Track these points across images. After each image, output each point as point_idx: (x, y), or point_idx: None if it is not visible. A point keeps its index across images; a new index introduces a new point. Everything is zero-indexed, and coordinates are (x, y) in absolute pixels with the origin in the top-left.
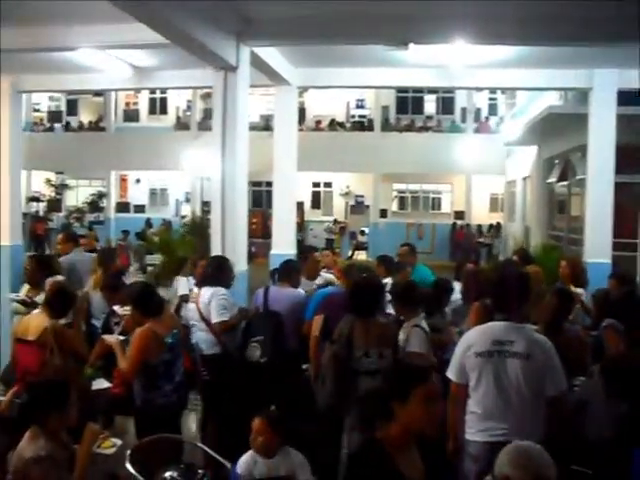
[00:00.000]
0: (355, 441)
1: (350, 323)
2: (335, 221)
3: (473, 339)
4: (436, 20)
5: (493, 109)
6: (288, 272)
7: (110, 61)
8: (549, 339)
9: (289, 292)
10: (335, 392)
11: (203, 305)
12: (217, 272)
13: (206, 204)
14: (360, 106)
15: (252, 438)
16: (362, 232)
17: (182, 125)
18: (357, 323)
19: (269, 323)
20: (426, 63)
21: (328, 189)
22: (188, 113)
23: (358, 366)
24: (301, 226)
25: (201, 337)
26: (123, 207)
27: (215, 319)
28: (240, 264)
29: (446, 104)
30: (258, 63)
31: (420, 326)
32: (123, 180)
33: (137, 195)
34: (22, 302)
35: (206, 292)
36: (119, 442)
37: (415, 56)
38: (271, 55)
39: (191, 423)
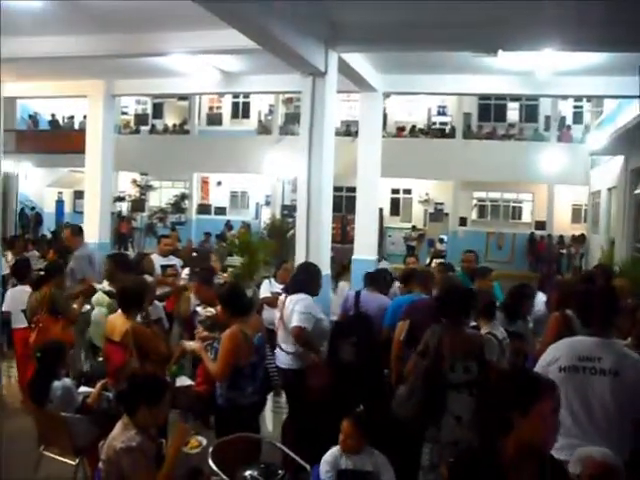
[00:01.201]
0: (443, 453)
1: (438, 334)
2: (414, 228)
3: (558, 353)
4: (527, 27)
5: (578, 117)
6: (379, 279)
7: (200, 66)
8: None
9: (378, 297)
10: (424, 405)
11: (287, 311)
12: (305, 279)
13: (286, 208)
14: (442, 113)
15: (341, 439)
16: (441, 240)
17: (264, 129)
18: (445, 334)
19: (361, 325)
20: (511, 70)
21: (407, 196)
22: (270, 117)
23: (444, 380)
24: (380, 232)
25: (280, 354)
26: (204, 209)
27: (294, 323)
28: (323, 268)
29: (529, 112)
30: (345, 69)
31: (492, 333)
32: (205, 182)
33: (218, 197)
34: (107, 293)
35: (291, 299)
36: (204, 442)
37: (500, 63)
38: (357, 61)
39: (269, 423)
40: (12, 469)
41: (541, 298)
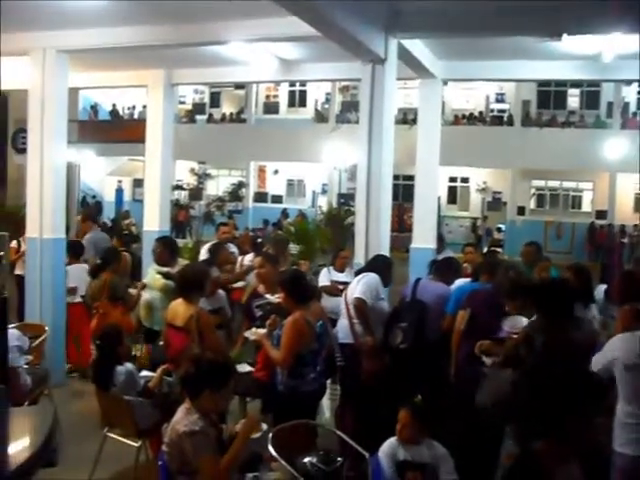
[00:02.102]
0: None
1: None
2: (485, 218)
3: (620, 348)
4: (595, 9)
5: None
6: (443, 267)
7: (258, 54)
8: None
9: (437, 285)
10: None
11: (350, 289)
12: (376, 269)
13: (342, 196)
14: (500, 100)
15: (398, 429)
16: (498, 229)
17: (320, 118)
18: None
19: (414, 311)
20: (574, 54)
21: (465, 184)
22: (326, 106)
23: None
24: (437, 221)
25: (342, 324)
26: (261, 197)
27: (356, 294)
28: None
29: (591, 98)
30: (404, 55)
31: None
32: (262, 171)
33: (275, 186)
34: (165, 274)
35: (359, 278)
36: (265, 427)
37: (562, 47)
38: (417, 48)
39: (326, 410)
40: (77, 448)
41: (601, 288)
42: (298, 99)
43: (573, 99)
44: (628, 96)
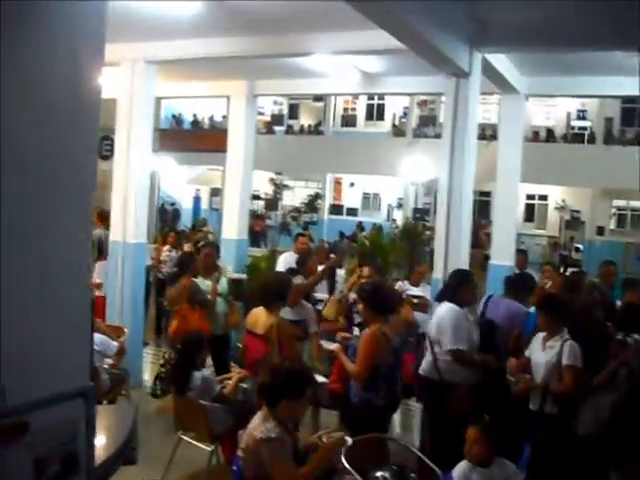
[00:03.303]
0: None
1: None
2: (572, 239)
3: None
4: None
5: None
6: (517, 285)
7: (340, 66)
8: None
9: (509, 303)
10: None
11: (432, 323)
12: (455, 287)
13: (418, 211)
14: (581, 117)
15: (467, 448)
16: (577, 249)
17: (397, 131)
18: None
19: (483, 331)
20: None
21: (543, 202)
22: (404, 120)
23: None
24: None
25: (427, 360)
26: (336, 209)
27: (449, 345)
28: None
29: None
30: (488, 70)
31: (572, 339)
32: (338, 183)
33: (350, 198)
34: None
35: (440, 308)
36: (350, 441)
37: None
38: (501, 62)
39: (397, 425)
40: (151, 449)
41: None
42: (376, 112)
43: None
44: None
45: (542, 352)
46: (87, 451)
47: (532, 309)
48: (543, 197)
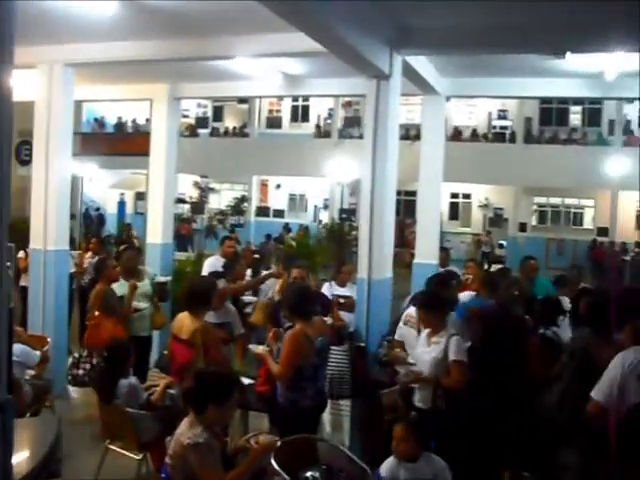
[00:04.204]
0: None
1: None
2: (489, 233)
3: (634, 360)
4: (598, 27)
5: None
6: (440, 283)
7: (263, 69)
8: None
9: None
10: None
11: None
12: (445, 294)
13: (344, 211)
14: (502, 117)
15: (394, 445)
16: (500, 245)
17: (322, 133)
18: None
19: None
20: (577, 72)
21: (467, 200)
22: (329, 121)
23: None
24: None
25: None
26: (263, 211)
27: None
28: (386, 271)
29: (592, 116)
30: (408, 72)
31: (459, 335)
32: (264, 185)
33: (277, 200)
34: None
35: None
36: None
37: (565, 65)
38: (421, 64)
39: (327, 425)
40: (78, 460)
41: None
42: (301, 114)
43: (575, 116)
44: (630, 114)
45: (428, 348)
46: (4, 466)
47: None
48: (467, 196)
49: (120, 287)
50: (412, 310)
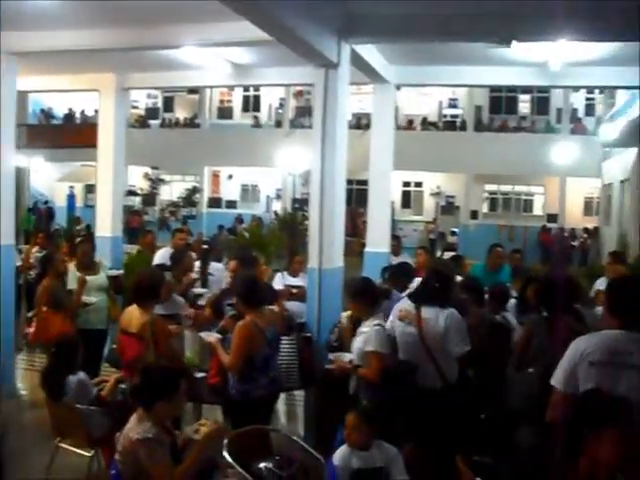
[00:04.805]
0: None
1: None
2: (434, 221)
3: (588, 347)
4: (542, 17)
5: (590, 109)
6: (397, 275)
7: (211, 58)
8: None
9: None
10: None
11: (433, 332)
12: (438, 288)
13: (296, 201)
14: (453, 105)
15: (347, 434)
16: (453, 233)
17: (274, 123)
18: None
19: None
20: (524, 61)
21: (418, 189)
22: (280, 111)
23: None
24: (391, 225)
25: (424, 371)
26: (215, 202)
27: (458, 349)
28: (337, 261)
29: (541, 104)
30: (357, 61)
31: (382, 325)
32: (215, 176)
33: (229, 191)
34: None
35: (438, 315)
36: (226, 430)
37: (513, 54)
38: (370, 53)
39: (282, 416)
40: (28, 460)
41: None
42: (252, 104)
43: (524, 105)
44: (576, 102)
45: (358, 337)
46: None
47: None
48: (419, 184)
49: (73, 281)
50: (407, 304)
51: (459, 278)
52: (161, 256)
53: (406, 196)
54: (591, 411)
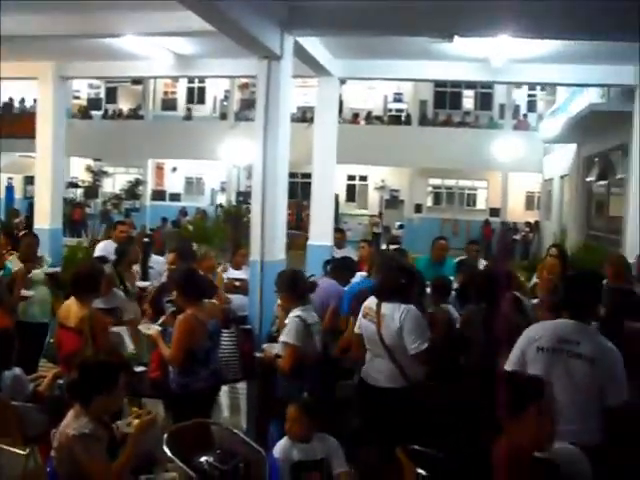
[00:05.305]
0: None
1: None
2: (380, 214)
3: (539, 333)
4: (483, 13)
5: (532, 106)
6: (339, 268)
7: (153, 49)
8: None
9: (325, 282)
10: None
11: (389, 329)
12: (402, 284)
13: (241, 194)
14: (398, 100)
15: (288, 426)
16: (401, 226)
17: (219, 115)
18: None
19: None
20: (467, 56)
21: (363, 182)
22: (225, 103)
23: None
24: (335, 219)
25: (379, 367)
26: (159, 195)
27: (414, 347)
28: (279, 254)
29: (484, 100)
30: (301, 53)
31: (300, 317)
32: (159, 168)
33: (173, 183)
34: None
35: (395, 311)
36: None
37: (456, 49)
38: (314, 45)
39: (225, 409)
40: None
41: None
42: (197, 96)
43: (468, 100)
44: (518, 99)
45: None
46: None
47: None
48: (363, 178)
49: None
50: (371, 301)
51: None
52: (102, 249)
53: (351, 190)
54: (511, 392)
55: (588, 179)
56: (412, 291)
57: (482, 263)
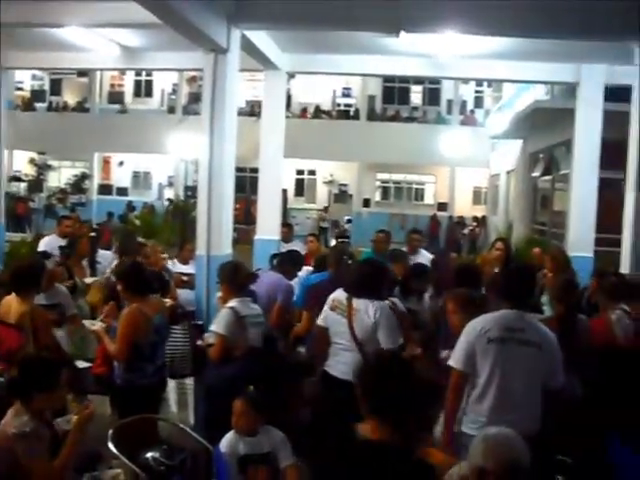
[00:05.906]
0: None
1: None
2: (326, 209)
3: (487, 324)
4: (429, 8)
5: (479, 102)
6: (285, 262)
7: (98, 40)
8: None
9: (271, 275)
10: None
11: (362, 323)
12: (373, 281)
13: (189, 188)
14: (346, 95)
15: (234, 420)
16: (349, 220)
17: (167, 108)
18: None
19: None
20: (414, 52)
21: (312, 177)
22: (173, 97)
23: None
24: (284, 213)
25: (346, 360)
26: (106, 189)
27: (388, 343)
28: (225, 248)
29: (432, 95)
30: (248, 47)
31: (234, 308)
32: (106, 162)
33: (120, 177)
34: None
35: (368, 307)
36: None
37: (404, 44)
38: (261, 39)
39: (173, 405)
40: None
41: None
42: (144, 89)
43: (416, 95)
44: (466, 94)
45: None
46: None
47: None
48: (312, 172)
49: None
50: (340, 295)
51: None
52: (47, 244)
53: (299, 184)
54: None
55: (533, 174)
56: (384, 287)
57: (423, 253)
